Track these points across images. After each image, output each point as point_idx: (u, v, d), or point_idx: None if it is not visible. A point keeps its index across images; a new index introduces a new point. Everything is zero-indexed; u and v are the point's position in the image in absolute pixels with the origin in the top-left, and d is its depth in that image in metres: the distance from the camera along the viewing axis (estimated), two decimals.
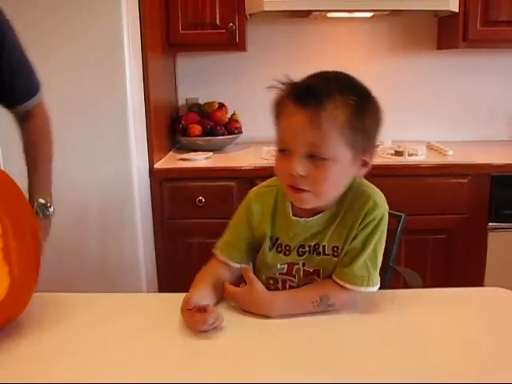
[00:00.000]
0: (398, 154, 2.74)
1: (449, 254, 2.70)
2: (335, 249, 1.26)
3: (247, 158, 2.73)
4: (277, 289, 1.32)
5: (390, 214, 1.87)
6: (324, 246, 1.26)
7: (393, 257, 1.86)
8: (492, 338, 1.14)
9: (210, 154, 2.86)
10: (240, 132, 3.08)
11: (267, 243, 1.30)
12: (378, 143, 1.23)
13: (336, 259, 1.26)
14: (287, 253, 1.29)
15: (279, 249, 1.30)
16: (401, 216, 1.85)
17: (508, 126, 3.30)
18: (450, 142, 3.01)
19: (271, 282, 1.33)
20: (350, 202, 1.24)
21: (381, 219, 1.23)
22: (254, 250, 1.36)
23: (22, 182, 1.33)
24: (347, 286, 1.22)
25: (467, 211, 2.66)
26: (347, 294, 1.23)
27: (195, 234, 2.67)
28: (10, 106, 1.62)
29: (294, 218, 1.26)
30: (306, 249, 1.27)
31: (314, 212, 1.25)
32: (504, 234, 2.67)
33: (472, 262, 2.69)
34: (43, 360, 1.07)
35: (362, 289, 1.22)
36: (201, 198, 2.60)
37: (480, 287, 1.69)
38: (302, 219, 1.26)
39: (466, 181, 2.64)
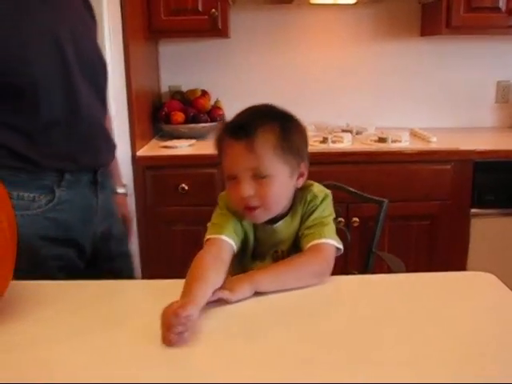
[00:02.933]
0: (382, 140, 2.74)
1: (432, 240, 2.71)
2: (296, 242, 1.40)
3: None
4: None
5: (372, 199, 1.89)
6: (291, 247, 1.41)
7: (376, 243, 1.87)
8: (478, 321, 1.14)
9: (193, 141, 2.84)
10: (223, 119, 3.06)
11: (249, 249, 1.42)
12: (307, 156, 1.40)
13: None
14: (262, 259, 1.42)
15: (255, 256, 1.43)
16: (383, 202, 1.86)
17: (491, 112, 3.32)
18: (433, 129, 3.01)
19: None
20: (302, 204, 1.40)
21: (322, 201, 1.39)
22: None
23: None
24: (305, 246, 1.34)
25: (450, 197, 2.68)
26: (316, 251, 1.33)
27: (178, 222, 2.66)
28: None
29: (264, 225, 1.39)
30: (279, 254, 1.41)
31: (277, 219, 1.39)
32: (486, 219, 2.69)
33: (455, 248, 2.71)
34: (19, 349, 1.05)
35: (316, 242, 1.33)
36: (183, 185, 2.59)
37: (464, 271, 1.69)
38: (270, 226, 1.39)
39: (449, 167, 2.65)
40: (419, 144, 2.78)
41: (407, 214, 2.65)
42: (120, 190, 1.86)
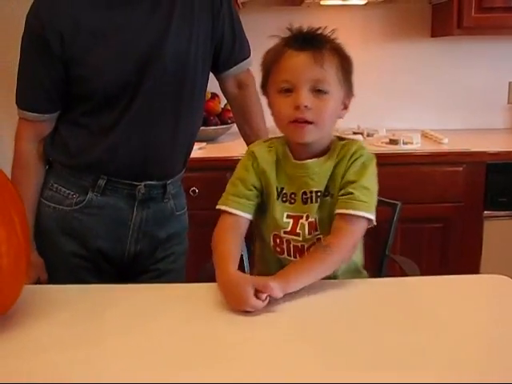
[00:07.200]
0: (393, 142, 2.73)
1: (444, 243, 2.69)
2: (328, 188, 1.36)
3: (241, 148, 2.67)
4: (281, 249, 1.40)
5: (385, 202, 1.87)
6: (322, 192, 1.36)
7: (389, 246, 1.85)
8: (495, 324, 1.14)
9: (204, 144, 2.83)
10: (233, 122, 3.04)
11: (274, 193, 1.39)
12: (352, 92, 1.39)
13: (330, 199, 1.36)
14: (292, 201, 1.38)
15: (284, 198, 1.39)
16: (397, 204, 1.84)
17: (503, 113, 3.29)
18: (444, 130, 3.00)
19: (278, 241, 1.40)
20: (339, 152, 1.36)
21: (369, 160, 1.35)
22: (258, 207, 1.42)
23: None
24: (350, 212, 1.30)
25: (463, 199, 2.66)
26: (344, 237, 1.30)
27: (189, 225, 2.64)
28: (227, 67, 1.78)
29: (295, 161, 1.38)
30: (308, 195, 1.36)
31: (311, 157, 1.37)
32: (499, 221, 2.67)
33: (468, 251, 2.68)
34: (32, 354, 1.05)
35: (362, 213, 1.29)
36: (194, 188, 2.58)
37: (479, 274, 1.68)
38: (301, 161, 1.37)
39: (461, 169, 2.63)
40: (431, 146, 2.77)
41: (420, 217, 2.62)
42: None
